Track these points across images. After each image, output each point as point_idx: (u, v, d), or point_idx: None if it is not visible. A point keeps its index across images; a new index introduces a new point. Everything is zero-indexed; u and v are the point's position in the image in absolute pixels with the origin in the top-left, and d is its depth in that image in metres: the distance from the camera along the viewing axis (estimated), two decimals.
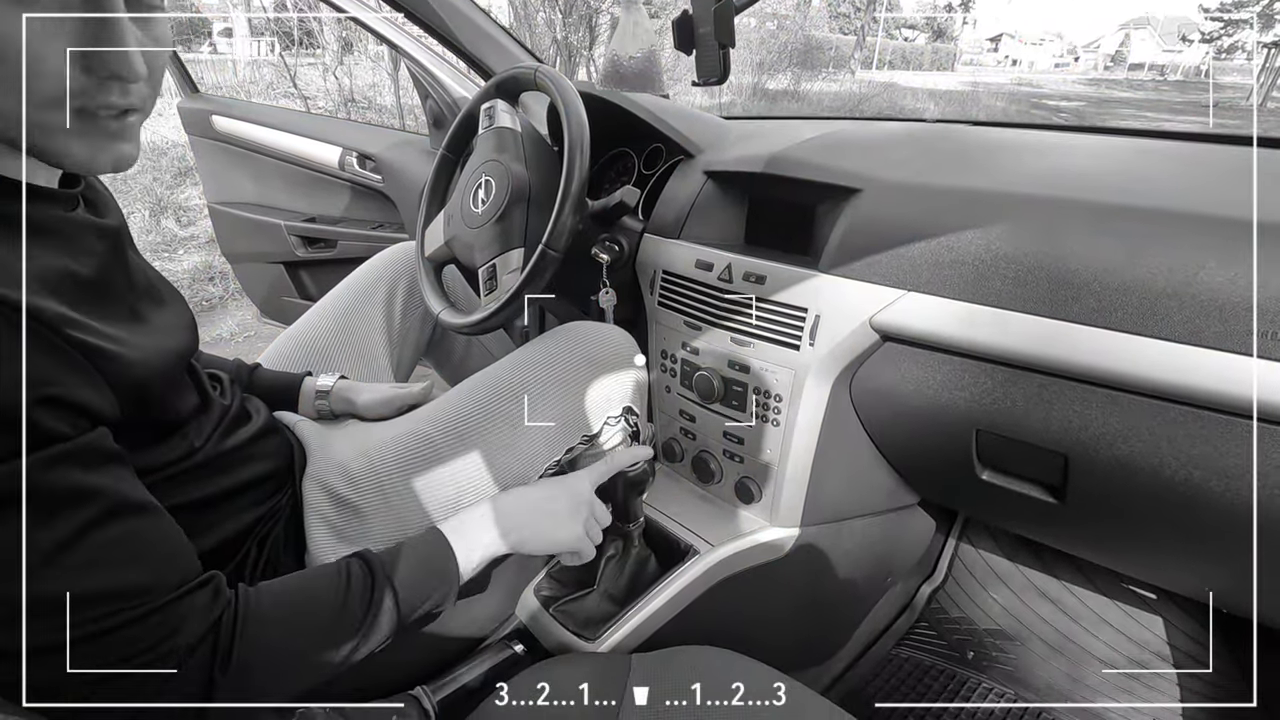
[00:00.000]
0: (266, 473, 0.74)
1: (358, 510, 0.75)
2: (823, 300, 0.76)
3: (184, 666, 0.49)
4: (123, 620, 0.46)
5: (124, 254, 0.60)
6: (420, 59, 1.46)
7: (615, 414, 0.91)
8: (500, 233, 0.92)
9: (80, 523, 0.45)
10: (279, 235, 1.74)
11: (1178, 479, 0.60)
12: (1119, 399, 0.61)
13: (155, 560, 0.50)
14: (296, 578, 0.60)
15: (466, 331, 0.93)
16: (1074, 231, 0.63)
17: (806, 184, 0.81)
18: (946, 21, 29.56)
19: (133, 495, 0.50)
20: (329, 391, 0.90)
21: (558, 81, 0.91)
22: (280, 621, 0.55)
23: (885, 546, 1.03)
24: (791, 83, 11.26)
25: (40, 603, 0.43)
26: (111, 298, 0.55)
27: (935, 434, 0.77)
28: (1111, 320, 0.59)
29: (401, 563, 0.63)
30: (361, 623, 0.58)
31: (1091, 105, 16.08)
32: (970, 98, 13.26)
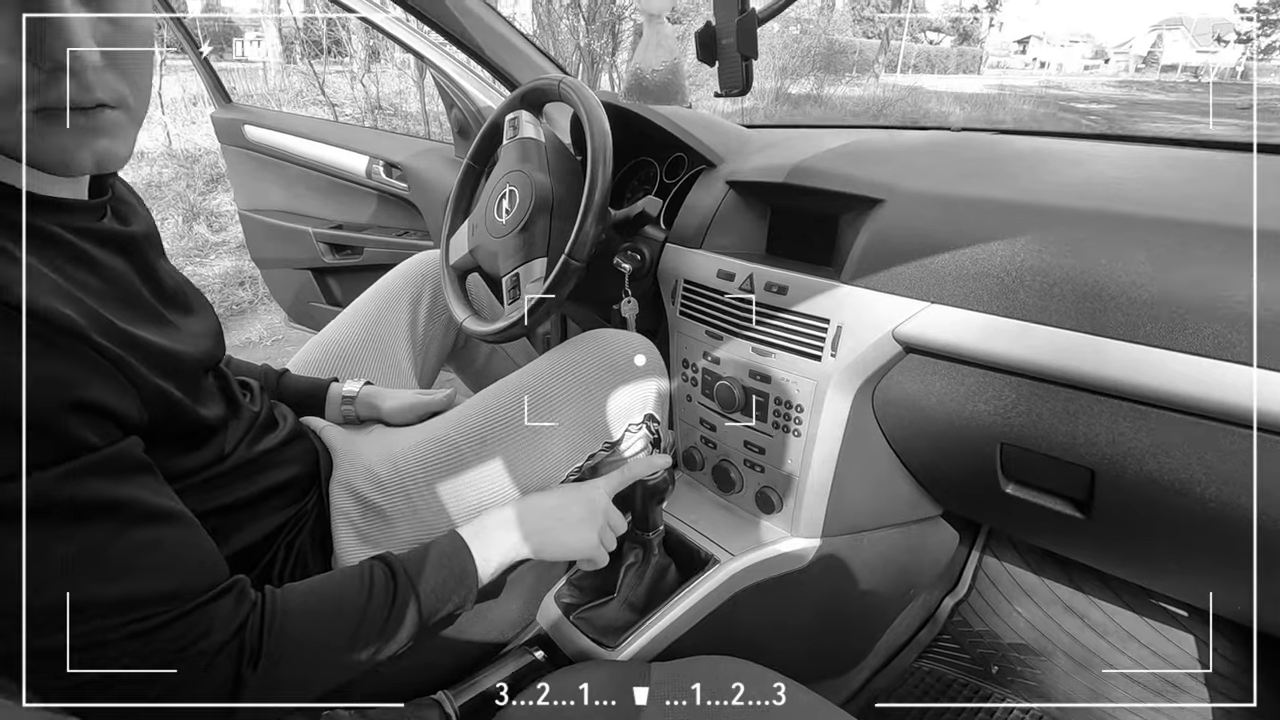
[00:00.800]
0: (294, 478, 0.76)
1: (384, 514, 0.77)
2: (845, 311, 0.76)
3: (212, 667, 0.50)
4: (152, 625, 0.47)
5: (151, 261, 0.62)
6: (445, 68, 1.49)
7: (637, 421, 0.92)
8: (524, 242, 0.93)
9: (109, 531, 0.47)
10: (307, 241, 1.77)
11: (1209, 496, 0.59)
12: (1148, 414, 0.60)
13: (182, 567, 0.51)
14: (321, 580, 0.62)
15: (490, 339, 0.94)
16: (1102, 244, 0.62)
17: (829, 194, 0.81)
18: (972, 24, 29.23)
19: (160, 504, 0.51)
20: (355, 397, 0.91)
21: (581, 93, 0.92)
22: (306, 622, 0.57)
23: (907, 558, 1.02)
24: (814, 87, 11.21)
25: (71, 609, 0.45)
26: (138, 306, 0.57)
27: (959, 446, 0.76)
28: (1140, 334, 0.58)
29: (424, 566, 0.64)
30: (385, 623, 0.60)
31: (1122, 108, 15.78)
32: (996, 101, 13.09)
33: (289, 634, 0.55)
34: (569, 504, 0.76)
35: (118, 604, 0.46)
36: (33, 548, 0.43)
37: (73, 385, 0.45)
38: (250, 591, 0.55)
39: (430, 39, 1.47)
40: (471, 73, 1.51)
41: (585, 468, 0.88)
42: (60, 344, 0.45)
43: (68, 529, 0.45)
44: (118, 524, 0.47)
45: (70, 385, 0.45)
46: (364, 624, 0.59)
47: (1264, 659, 0.94)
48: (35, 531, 0.43)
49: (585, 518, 0.76)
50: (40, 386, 0.43)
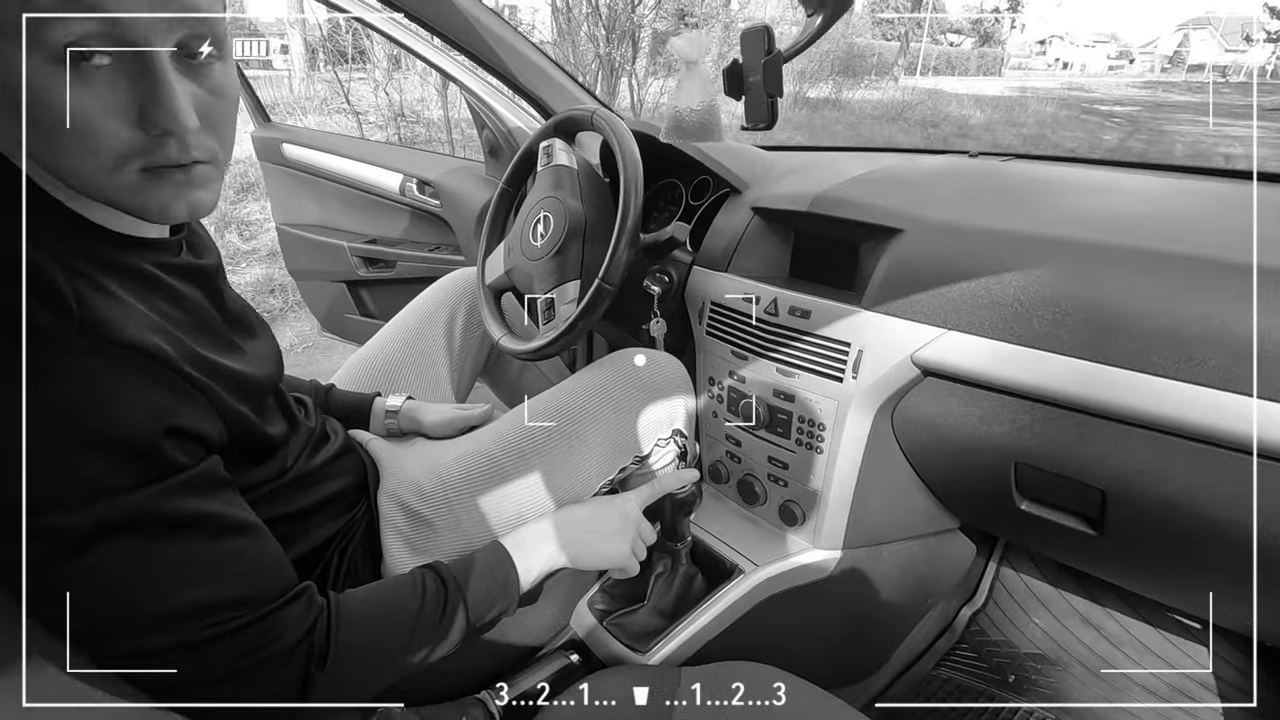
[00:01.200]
0: (345, 489, 0.81)
1: (429, 523, 0.82)
2: (865, 335, 0.80)
3: (285, 667, 0.55)
4: (232, 627, 0.52)
5: (220, 290, 0.67)
6: (477, 90, 1.54)
7: (665, 436, 0.96)
8: (558, 265, 0.98)
9: (196, 542, 0.52)
10: (342, 255, 1.84)
11: (1218, 518, 0.62)
12: (1157, 439, 0.63)
13: (258, 574, 0.56)
14: (378, 587, 0.67)
15: (525, 357, 0.99)
16: (1111, 276, 0.66)
17: (851, 223, 0.85)
18: (993, 26, 28.93)
19: (240, 516, 0.56)
20: (398, 411, 0.97)
21: (613, 124, 0.97)
22: (366, 626, 0.62)
23: (926, 569, 1.05)
24: (833, 91, 11.19)
25: (163, 613, 0.50)
26: (214, 333, 0.62)
27: (975, 465, 0.79)
28: (1148, 364, 0.62)
29: (470, 575, 0.69)
30: (437, 628, 0.64)
31: (1147, 110, 15.54)
32: (1018, 104, 12.96)
33: (351, 637, 0.60)
34: (603, 516, 0.81)
35: (207, 607, 0.51)
36: (135, 558, 0.49)
37: (167, 412, 0.50)
38: (317, 596, 0.60)
39: (463, 62, 1.53)
40: (502, 94, 1.56)
41: (616, 480, 0.93)
42: (157, 375, 0.51)
43: (164, 540, 0.50)
44: (205, 535, 0.53)
45: (165, 412, 0.50)
46: (418, 628, 0.64)
47: (1264, 659, 0.96)
48: (137, 543, 0.49)
49: (618, 529, 0.80)
50: (141, 414, 0.49)
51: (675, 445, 0.98)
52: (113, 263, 0.53)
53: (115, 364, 0.48)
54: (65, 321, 0.46)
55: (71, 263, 0.49)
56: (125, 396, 0.48)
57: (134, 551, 0.48)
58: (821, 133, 9.00)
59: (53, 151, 0.47)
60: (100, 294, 0.50)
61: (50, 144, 0.47)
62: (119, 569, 0.48)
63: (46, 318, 0.45)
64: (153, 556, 0.49)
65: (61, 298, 0.46)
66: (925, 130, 9.60)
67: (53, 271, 0.47)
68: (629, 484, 0.99)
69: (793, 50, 0.82)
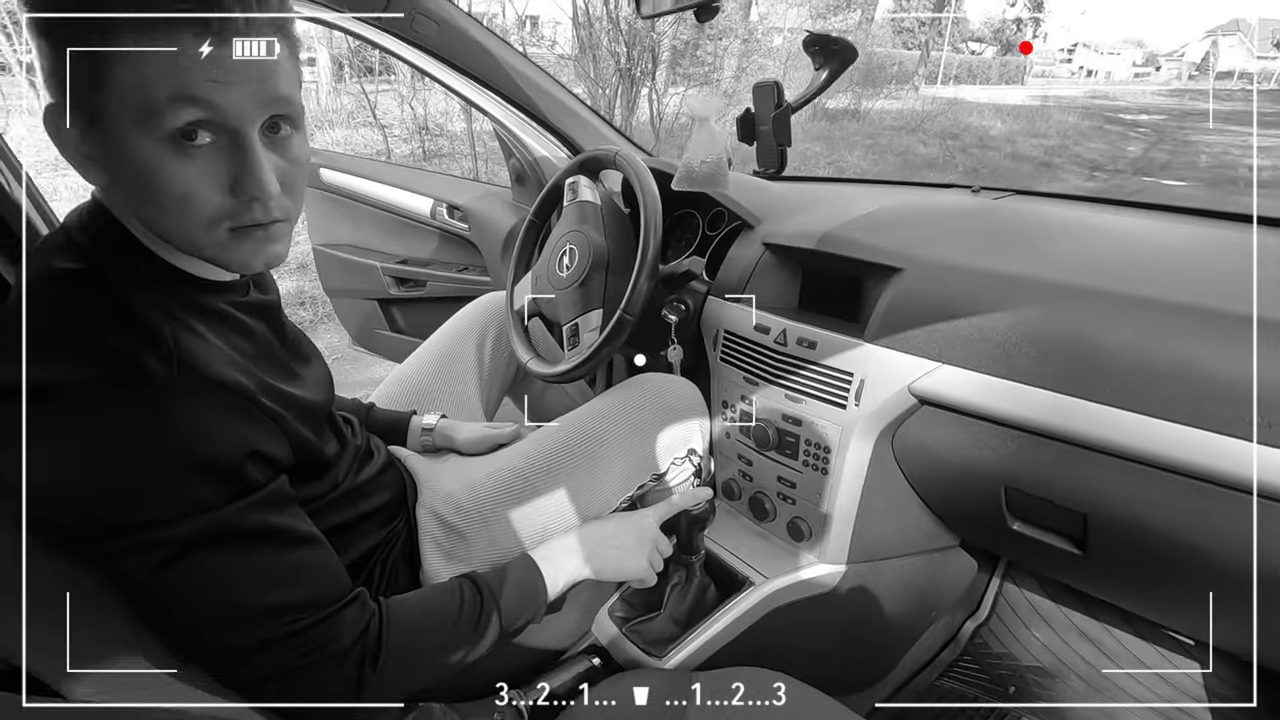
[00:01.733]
0: (386, 502, 0.89)
1: (463, 534, 0.89)
2: (867, 366, 0.86)
3: (343, 665, 0.63)
4: (298, 628, 0.60)
5: (281, 321, 0.75)
6: (505, 121, 1.63)
7: (681, 455, 1.03)
8: (582, 295, 1.05)
9: (271, 551, 0.60)
10: (374, 275, 1.93)
11: (1184, 540, 0.68)
12: (1132, 468, 0.69)
13: (322, 580, 0.64)
14: (421, 595, 0.74)
15: (551, 380, 1.06)
16: (1092, 318, 0.72)
17: (854, 260, 0.92)
18: (1015, 35, 28.73)
19: (304, 529, 0.64)
20: (433, 429, 1.05)
21: (634, 164, 1.04)
22: (413, 630, 0.69)
23: (928, 584, 1.11)
24: (852, 102, 11.21)
25: (249, 613, 0.58)
26: (278, 363, 0.70)
27: (969, 487, 0.85)
28: (1122, 400, 0.68)
29: (503, 585, 0.76)
30: (473, 632, 0.72)
31: (1173, 119, 15.34)
32: (1039, 113, 12.88)
33: (399, 640, 0.67)
34: (623, 532, 0.88)
35: (282, 608, 0.59)
36: (224, 565, 0.57)
37: (248, 439, 0.59)
38: (369, 601, 0.68)
39: (493, 95, 1.61)
40: (528, 125, 1.64)
41: (635, 497, 1.00)
42: (239, 407, 0.59)
43: (246, 550, 0.58)
44: (278, 546, 0.60)
45: (246, 439, 0.59)
46: (457, 632, 0.71)
47: (1263, 678, 1.01)
48: (225, 553, 0.57)
49: (637, 544, 0.87)
50: (228, 441, 0.57)
51: (691, 464, 1.05)
52: (196, 304, 0.61)
53: (207, 398, 0.56)
54: (167, 364, 0.54)
55: (167, 307, 0.57)
56: (215, 426, 0.56)
57: (222, 559, 0.56)
58: (840, 144, 9.03)
59: (159, 215, 0.56)
60: (190, 334, 0.58)
61: (157, 209, 0.55)
62: (212, 575, 0.56)
63: (154, 362, 0.54)
64: (238, 564, 0.57)
65: (163, 342, 0.55)
66: (944, 142, 9.58)
67: (157, 319, 0.55)
68: (647, 500, 1.06)
69: (800, 102, 0.89)
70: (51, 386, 0.52)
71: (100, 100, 0.51)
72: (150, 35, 0.50)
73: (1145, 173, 8.48)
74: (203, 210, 0.55)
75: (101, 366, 0.52)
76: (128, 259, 0.58)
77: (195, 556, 0.55)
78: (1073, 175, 8.44)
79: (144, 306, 0.56)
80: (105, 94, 0.51)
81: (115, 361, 0.53)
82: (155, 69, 0.50)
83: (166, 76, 0.50)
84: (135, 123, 0.52)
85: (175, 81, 0.51)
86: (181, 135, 0.53)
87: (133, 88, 0.51)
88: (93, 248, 0.57)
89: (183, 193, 0.54)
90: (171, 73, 0.50)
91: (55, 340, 0.53)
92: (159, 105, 0.51)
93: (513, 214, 1.69)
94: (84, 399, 0.52)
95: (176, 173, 0.53)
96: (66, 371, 0.52)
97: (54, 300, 0.55)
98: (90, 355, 0.52)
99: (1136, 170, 8.66)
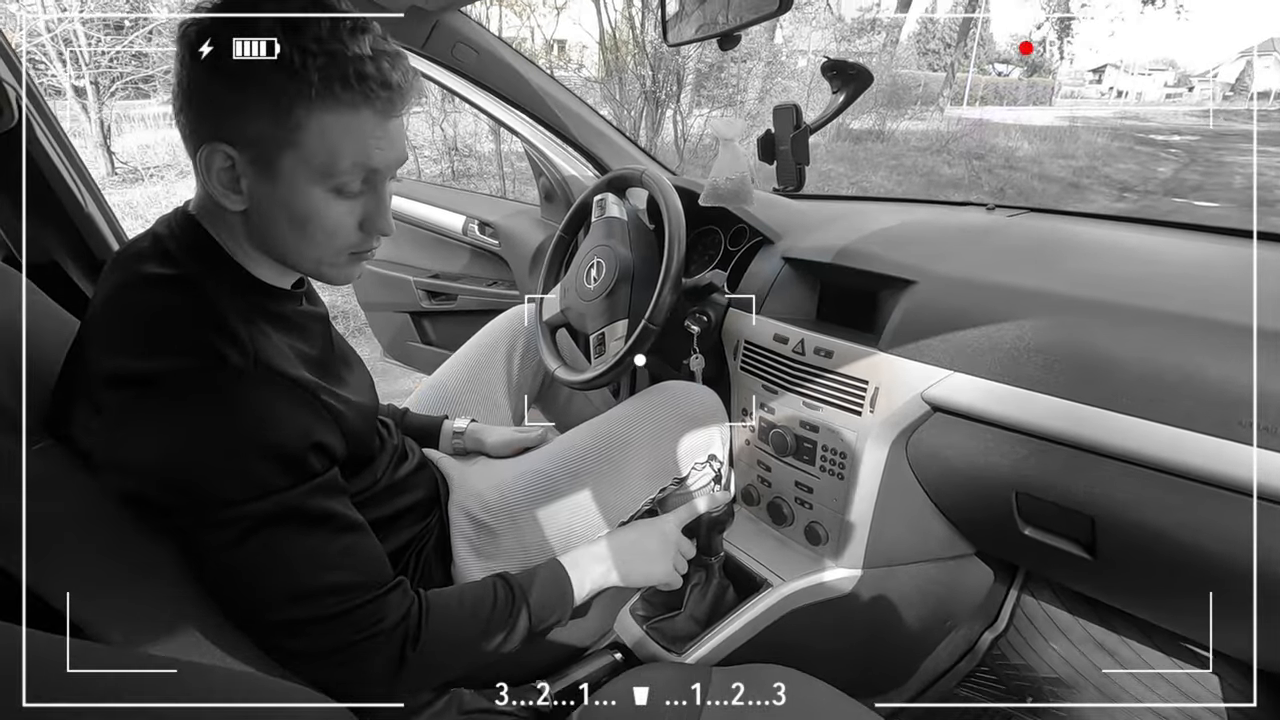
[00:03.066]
0: (420, 500, 0.94)
1: (493, 532, 0.94)
2: (881, 375, 0.90)
3: (387, 645, 0.67)
4: (347, 608, 0.65)
5: (330, 334, 0.82)
6: (535, 141, 1.70)
7: (701, 460, 1.07)
8: (609, 306, 1.11)
9: (327, 534, 0.65)
10: (408, 289, 2.01)
11: (1187, 542, 0.70)
12: (1134, 472, 0.72)
13: (368, 565, 0.69)
14: (458, 590, 0.78)
15: (578, 387, 1.11)
16: (1096, 328, 0.75)
17: (870, 274, 0.96)
18: (1041, 56, 28.57)
19: (354, 516, 0.70)
20: (464, 433, 1.10)
21: (660, 182, 1.10)
22: (449, 619, 0.73)
23: (943, 591, 1.13)
24: (876, 123, 11.24)
25: (307, 590, 0.63)
26: (329, 368, 0.76)
27: (980, 492, 0.88)
28: (1124, 406, 0.70)
29: (533, 586, 0.80)
30: (505, 626, 0.76)
31: (1207, 140, 15.08)
32: (1068, 134, 12.76)
33: (438, 627, 0.71)
34: (646, 538, 0.91)
35: (337, 588, 0.64)
36: (287, 543, 0.63)
37: (312, 429, 0.65)
38: (410, 588, 0.73)
39: (523, 116, 1.69)
40: (557, 145, 1.71)
41: (656, 500, 1.04)
42: (305, 400, 0.66)
43: (306, 531, 0.64)
44: (332, 529, 0.66)
45: (310, 429, 0.65)
46: (491, 624, 0.75)
47: (1265, 681, 1.01)
48: (287, 531, 0.62)
49: (660, 550, 0.91)
50: (296, 430, 0.64)
51: (711, 469, 1.08)
52: (267, 310, 0.69)
53: (279, 391, 0.63)
54: (246, 359, 0.61)
55: (244, 311, 0.65)
56: (286, 416, 0.63)
57: (286, 537, 0.62)
58: (864, 164, 9.05)
59: (299, 242, 0.65)
60: (262, 335, 0.65)
61: (302, 238, 0.65)
62: (276, 552, 0.62)
63: (236, 356, 0.60)
64: (298, 543, 0.63)
65: (243, 341, 0.62)
66: (970, 162, 9.54)
67: (236, 322, 0.62)
68: (668, 504, 1.10)
69: (818, 124, 0.93)
70: (152, 375, 0.59)
71: (282, 157, 0.60)
72: (344, 114, 0.59)
73: (1177, 194, 8.35)
74: (342, 242, 0.66)
75: (194, 359, 0.60)
76: (217, 268, 0.66)
77: (263, 535, 0.61)
78: (1102, 196, 8.35)
79: (227, 310, 0.63)
80: (291, 153, 0.60)
81: (205, 355, 0.60)
82: (342, 140, 0.60)
83: (351, 147, 0.61)
84: (310, 178, 0.62)
85: (358, 151, 0.61)
86: (343, 188, 0.63)
87: (319, 152, 0.60)
88: (185, 257, 0.65)
89: (332, 229, 0.65)
90: (356, 145, 0.61)
91: (153, 337, 0.61)
92: (340, 169, 0.62)
93: (541, 231, 1.76)
94: (179, 387, 0.59)
95: (330, 213, 0.64)
96: (164, 363, 0.59)
97: (150, 302, 0.62)
98: (184, 350, 0.60)
99: (1168, 191, 8.54)
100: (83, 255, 1.03)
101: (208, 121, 0.60)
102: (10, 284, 0.73)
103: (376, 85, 0.59)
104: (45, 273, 1.03)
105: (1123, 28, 36.55)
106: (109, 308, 0.63)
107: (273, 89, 0.58)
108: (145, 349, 0.60)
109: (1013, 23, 40.22)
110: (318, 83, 0.57)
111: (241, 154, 0.61)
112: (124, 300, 0.63)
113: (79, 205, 1.03)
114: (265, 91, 0.58)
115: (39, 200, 1.00)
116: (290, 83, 0.57)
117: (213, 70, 0.58)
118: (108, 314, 0.63)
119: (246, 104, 0.58)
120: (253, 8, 0.58)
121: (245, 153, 0.60)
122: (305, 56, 0.57)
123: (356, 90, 0.59)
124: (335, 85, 0.58)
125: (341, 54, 0.58)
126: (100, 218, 1.06)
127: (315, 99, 0.58)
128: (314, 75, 0.57)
